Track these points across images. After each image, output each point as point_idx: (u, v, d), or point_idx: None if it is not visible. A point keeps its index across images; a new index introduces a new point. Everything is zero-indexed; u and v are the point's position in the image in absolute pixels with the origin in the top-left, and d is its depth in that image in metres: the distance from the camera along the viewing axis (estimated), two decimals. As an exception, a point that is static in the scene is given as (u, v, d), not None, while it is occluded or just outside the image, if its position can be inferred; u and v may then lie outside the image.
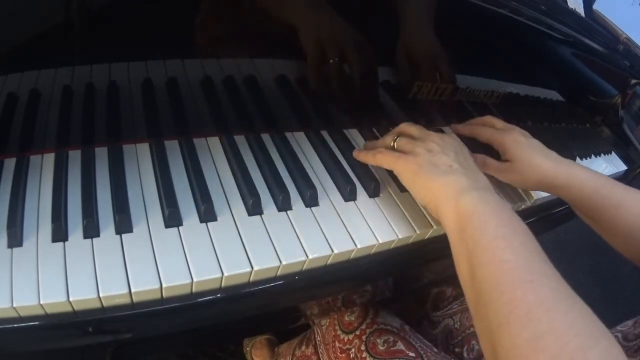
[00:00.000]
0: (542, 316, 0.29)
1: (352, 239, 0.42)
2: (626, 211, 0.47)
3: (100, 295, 0.32)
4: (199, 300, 0.36)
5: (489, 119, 0.58)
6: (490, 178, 0.49)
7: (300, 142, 0.52)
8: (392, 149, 0.47)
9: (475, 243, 0.35)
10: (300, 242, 0.40)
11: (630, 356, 0.46)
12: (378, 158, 0.46)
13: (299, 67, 0.49)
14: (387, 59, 0.54)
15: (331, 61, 0.48)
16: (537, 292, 0.30)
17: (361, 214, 0.45)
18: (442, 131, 0.61)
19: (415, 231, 0.46)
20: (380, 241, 0.43)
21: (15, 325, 0.31)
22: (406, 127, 0.48)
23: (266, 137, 0.50)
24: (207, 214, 0.39)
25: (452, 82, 0.60)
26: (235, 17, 0.44)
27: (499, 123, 0.56)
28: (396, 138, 0.47)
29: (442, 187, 0.40)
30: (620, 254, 0.51)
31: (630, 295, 1.44)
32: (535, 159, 0.50)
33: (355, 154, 0.50)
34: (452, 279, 0.41)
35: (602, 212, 0.49)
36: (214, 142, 0.48)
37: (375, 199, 0.48)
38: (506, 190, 0.58)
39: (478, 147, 0.55)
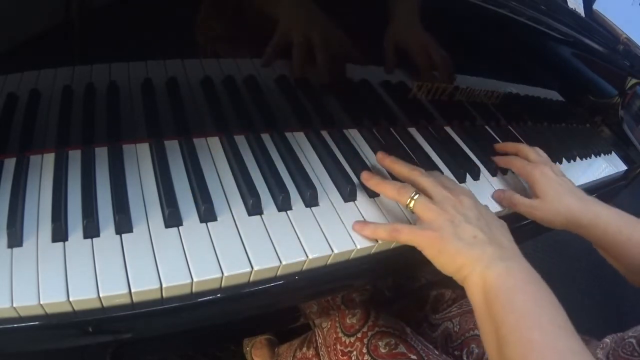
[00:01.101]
0: None
1: (352, 239, 0.42)
2: None
3: (100, 295, 0.32)
4: (199, 300, 0.36)
5: (523, 148, 0.59)
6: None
7: (300, 142, 0.52)
8: (407, 205, 0.43)
9: (502, 321, 0.35)
10: (300, 242, 0.40)
11: None
12: (396, 236, 0.42)
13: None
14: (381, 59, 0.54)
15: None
16: None
17: (361, 214, 0.45)
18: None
19: (415, 231, 0.46)
20: (381, 241, 0.43)
21: (15, 325, 0.31)
22: (421, 179, 0.45)
23: (266, 137, 0.50)
24: (207, 214, 0.39)
25: (451, 78, 0.60)
26: (235, 17, 0.44)
27: (532, 154, 0.57)
28: (413, 196, 0.43)
29: (468, 262, 0.39)
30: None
31: (631, 295, 1.44)
32: (565, 199, 0.51)
33: (358, 227, 0.43)
34: (451, 281, 0.41)
35: (622, 250, 0.49)
36: (214, 142, 0.48)
37: (375, 199, 0.48)
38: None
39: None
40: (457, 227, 0.40)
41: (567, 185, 0.53)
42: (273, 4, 0.44)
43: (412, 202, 0.43)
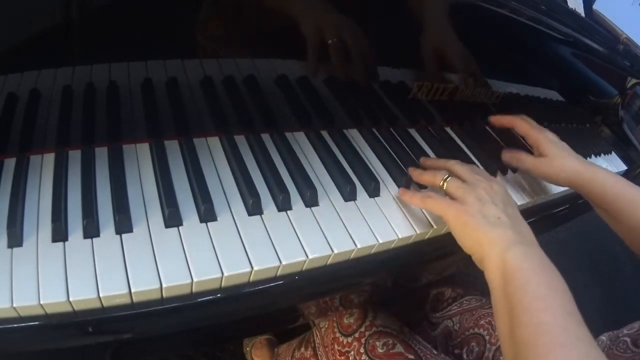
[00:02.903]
0: None
1: (352, 239, 0.42)
2: None
3: (100, 295, 0.32)
4: (199, 300, 0.36)
5: (524, 117, 0.62)
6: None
7: (300, 142, 0.52)
8: (440, 187, 0.47)
9: (517, 302, 0.36)
10: (300, 242, 0.40)
11: None
12: (429, 203, 0.45)
13: (299, 67, 0.49)
14: (386, 59, 0.54)
15: (330, 42, 0.48)
16: (569, 356, 0.32)
17: (361, 214, 0.45)
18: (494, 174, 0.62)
19: (415, 231, 0.46)
20: (381, 241, 0.43)
21: (15, 325, 0.31)
22: (457, 166, 0.48)
23: (266, 137, 0.50)
24: (207, 214, 0.39)
25: (483, 82, 0.62)
26: (235, 17, 0.43)
27: (533, 122, 0.61)
28: (446, 178, 0.46)
29: (489, 240, 0.41)
30: (621, 253, 0.52)
31: (631, 294, 1.44)
32: (568, 158, 0.55)
33: (401, 193, 0.49)
34: (451, 279, 0.41)
35: (621, 210, 0.52)
36: (214, 142, 0.48)
37: (375, 198, 0.48)
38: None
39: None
40: (484, 205, 0.43)
41: (569, 148, 0.57)
42: (296, 6, 0.45)
43: (445, 183, 0.46)
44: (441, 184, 0.46)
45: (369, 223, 0.45)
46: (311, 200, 0.44)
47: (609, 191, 0.52)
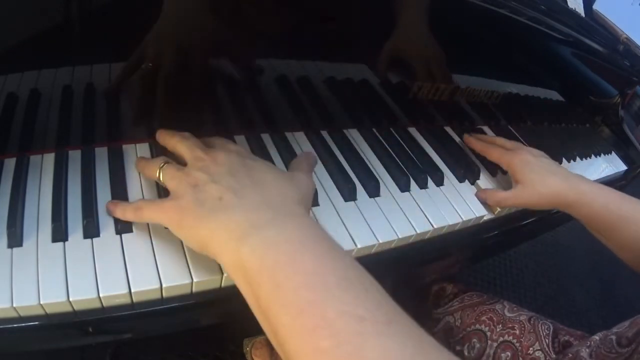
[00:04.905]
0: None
1: (352, 238, 0.42)
2: (635, 225, 0.48)
3: (100, 295, 0.32)
4: (199, 300, 0.36)
5: (499, 139, 0.58)
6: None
7: (300, 142, 0.52)
8: (158, 179, 0.36)
9: (275, 318, 0.26)
10: (300, 242, 0.40)
11: None
12: (143, 214, 0.35)
13: (299, 67, 0.49)
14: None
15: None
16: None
17: (361, 213, 0.45)
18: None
19: (416, 231, 0.46)
20: (381, 241, 0.43)
21: (15, 325, 0.31)
22: (178, 144, 0.37)
23: (266, 137, 0.50)
24: (207, 214, 0.39)
25: (449, 80, 0.60)
26: (235, 17, 0.43)
27: (508, 144, 0.57)
28: (162, 166, 0.36)
29: (212, 233, 0.30)
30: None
31: (630, 295, 1.44)
32: (547, 179, 0.50)
33: (111, 209, 0.37)
34: (453, 275, 0.41)
35: (612, 227, 0.49)
36: (214, 142, 0.48)
37: (375, 198, 0.48)
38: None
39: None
40: (200, 190, 0.32)
41: (548, 166, 0.52)
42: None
43: (160, 172, 0.36)
44: (157, 175, 0.36)
45: (369, 223, 0.45)
46: (311, 200, 0.44)
47: (597, 210, 0.49)
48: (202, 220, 0.31)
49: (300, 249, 0.28)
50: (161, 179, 0.36)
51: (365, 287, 0.27)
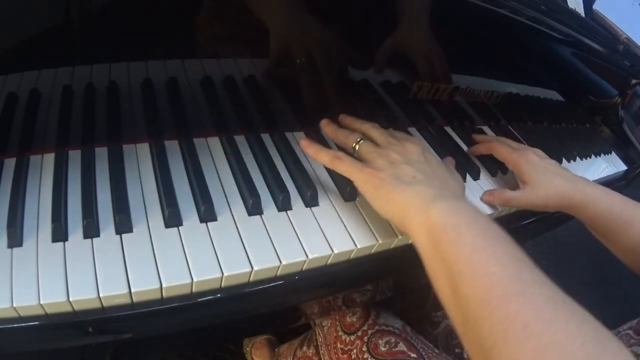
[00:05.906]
0: (543, 329, 0.27)
1: (352, 238, 0.42)
2: (638, 228, 0.48)
3: (100, 295, 0.32)
4: (199, 300, 0.36)
5: (504, 139, 0.58)
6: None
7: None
8: (352, 148, 0.45)
9: (454, 257, 0.32)
10: (300, 242, 0.40)
11: None
12: (337, 164, 0.42)
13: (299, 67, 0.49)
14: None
15: (298, 61, 0.47)
16: (532, 303, 0.28)
17: (361, 213, 0.45)
18: (409, 132, 0.60)
19: (415, 231, 0.46)
20: (380, 241, 0.43)
21: (15, 325, 0.31)
22: (371, 130, 0.46)
23: (266, 137, 0.50)
24: (207, 214, 0.39)
25: (448, 80, 0.60)
26: (235, 17, 0.43)
27: (513, 143, 0.57)
28: (359, 140, 0.44)
29: (407, 200, 0.38)
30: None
31: (630, 295, 1.44)
32: (553, 181, 0.50)
33: (304, 145, 0.45)
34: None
35: (615, 230, 0.49)
36: (214, 142, 0.48)
37: (375, 199, 0.48)
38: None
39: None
40: (397, 168, 0.40)
41: (554, 167, 0.52)
42: None
43: (358, 145, 0.44)
44: (354, 145, 0.44)
45: (369, 223, 0.45)
46: (311, 200, 0.44)
47: (601, 212, 0.49)
48: (398, 188, 0.38)
49: (475, 216, 0.36)
50: (357, 150, 0.44)
51: (526, 261, 0.32)
